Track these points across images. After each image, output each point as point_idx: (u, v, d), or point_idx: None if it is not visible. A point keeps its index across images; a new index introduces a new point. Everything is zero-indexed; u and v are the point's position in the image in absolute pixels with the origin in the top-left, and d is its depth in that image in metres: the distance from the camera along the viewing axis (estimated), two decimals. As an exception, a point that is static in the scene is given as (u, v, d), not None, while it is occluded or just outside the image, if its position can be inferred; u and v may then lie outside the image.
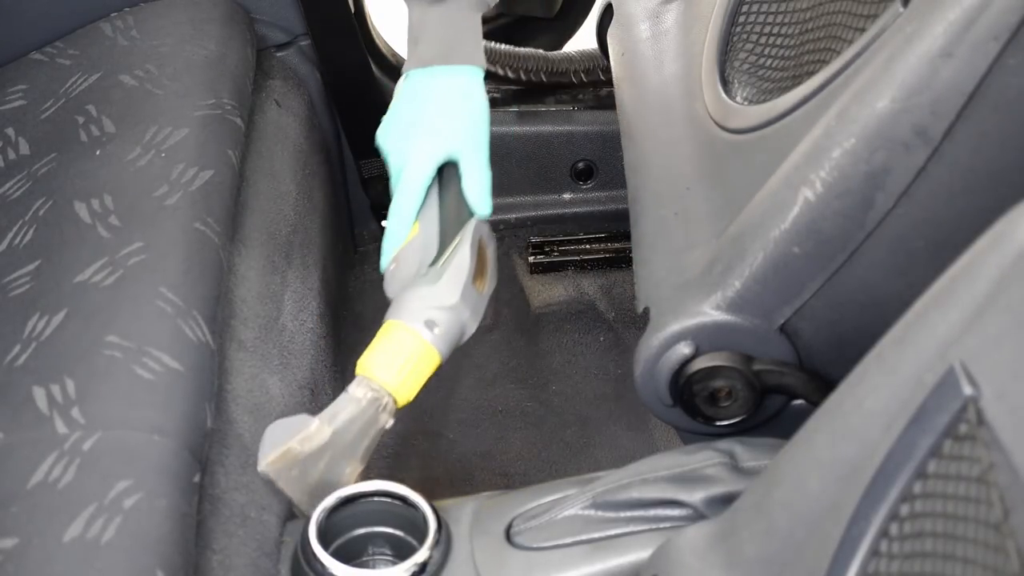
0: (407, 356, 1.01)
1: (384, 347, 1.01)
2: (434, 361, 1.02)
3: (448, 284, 1.03)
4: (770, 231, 0.88)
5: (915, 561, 0.58)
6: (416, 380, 1.01)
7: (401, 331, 1.01)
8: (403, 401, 1.02)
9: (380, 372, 1.00)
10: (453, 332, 1.02)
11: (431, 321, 1.01)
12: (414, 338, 1.01)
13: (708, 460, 0.88)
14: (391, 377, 1.00)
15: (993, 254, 0.58)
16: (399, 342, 1.01)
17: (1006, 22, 0.77)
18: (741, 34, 1.07)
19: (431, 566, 0.88)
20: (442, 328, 1.01)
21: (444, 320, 1.01)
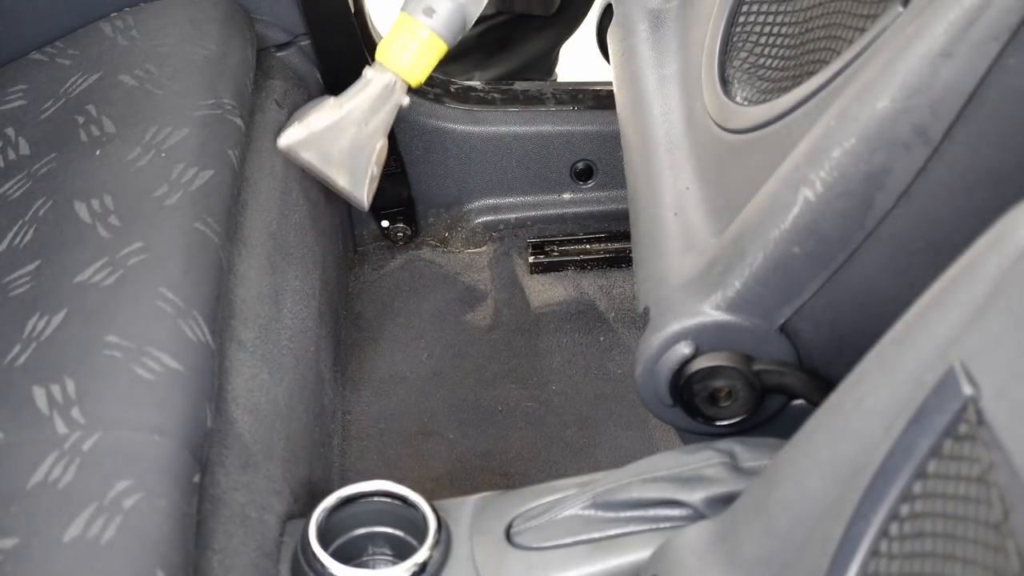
0: (409, 39, 1.21)
1: (392, 34, 1.23)
2: (435, 43, 1.21)
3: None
4: (770, 231, 0.88)
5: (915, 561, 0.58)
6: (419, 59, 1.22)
7: (404, 19, 1.22)
8: (414, 81, 1.23)
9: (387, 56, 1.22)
10: (451, 15, 1.21)
11: (429, 8, 1.21)
12: (413, 23, 1.21)
13: (708, 460, 0.88)
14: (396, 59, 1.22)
15: (993, 254, 0.58)
16: (402, 28, 1.22)
17: (1006, 22, 0.77)
18: (741, 34, 1.07)
19: (431, 566, 0.88)
20: (440, 13, 1.21)
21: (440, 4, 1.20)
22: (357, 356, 1.47)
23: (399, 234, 1.59)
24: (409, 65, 1.23)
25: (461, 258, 1.60)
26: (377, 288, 1.56)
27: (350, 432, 1.38)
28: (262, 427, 1.02)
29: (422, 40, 1.22)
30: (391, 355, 1.47)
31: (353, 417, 1.40)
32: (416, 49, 1.22)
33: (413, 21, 1.22)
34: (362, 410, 1.40)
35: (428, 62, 1.23)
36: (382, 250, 1.61)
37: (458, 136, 1.54)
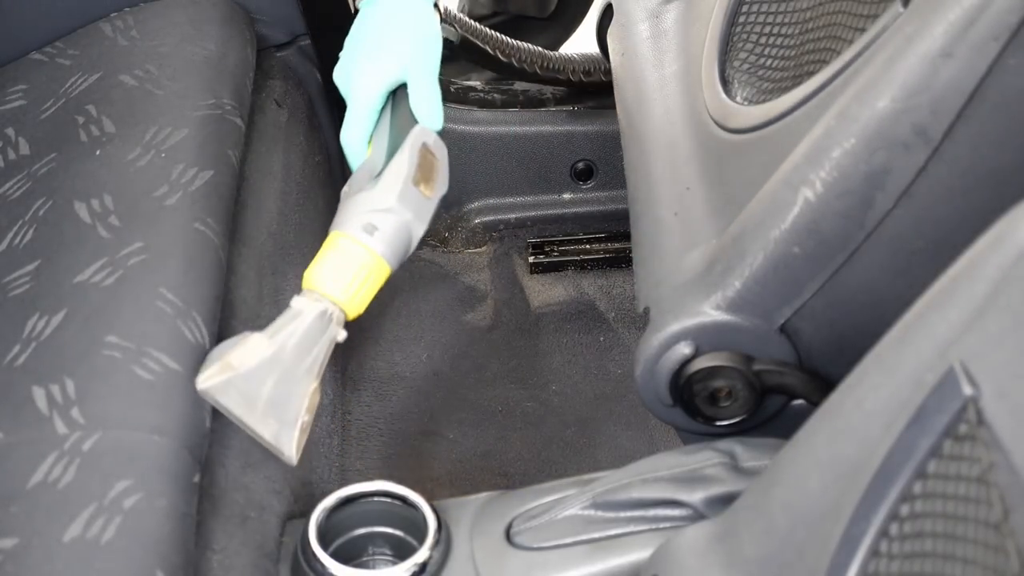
0: (347, 262, 0.98)
1: (324, 257, 1.00)
2: (378, 266, 0.99)
3: (385, 187, 1.00)
4: (770, 231, 0.88)
5: (915, 561, 0.58)
6: (360, 286, 0.99)
7: (340, 239, 0.99)
8: (352, 311, 1.00)
9: (320, 282, 0.98)
10: (395, 234, 0.99)
11: (370, 225, 0.99)
12: (353, 243, 0.99)
13: (708, 460, 0.88)
14: (332, 286, 0.98)
15: (993, 254, 0.58)
16: (338, 250, 0.99)
17: (1006, 22, 0.77)
18: (741, 34, 1.07)
19: (431, 566, 0.88)
20: (382, 231, 0.99)
21: (383, 222, 0.99)
22: (357, 356, 1.47)
23: (399, 234, 1.58)
24: (349, 292, 0.98)
25: (461, 258, 1.60)
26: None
27: (350, 432, 1.38)
28: (262, 427, 1.02)
29: (363, 263, 0.99)
30: (391, 355, 1.47)
31: (353, 417, 1.39)
32: (356, 273, 0.99)
33: (351, 240, 0.99)
34: (362, 410, 1.40)
35: (370, 290, 1.00)
36: (382, 250, 1.61)
37: (458, 136, 1.54)
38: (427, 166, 1.03)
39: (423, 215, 1.01)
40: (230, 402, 0.95)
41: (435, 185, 1.03)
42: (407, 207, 1.00)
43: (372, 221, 0.99)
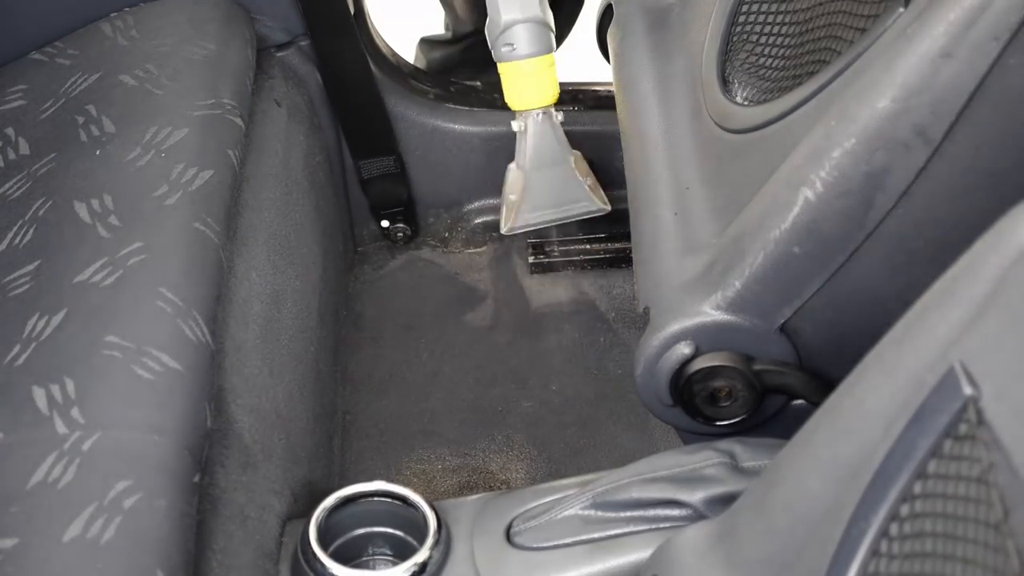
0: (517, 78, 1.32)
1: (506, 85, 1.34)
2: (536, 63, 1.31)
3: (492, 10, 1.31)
4: (770, 231, 0.88)
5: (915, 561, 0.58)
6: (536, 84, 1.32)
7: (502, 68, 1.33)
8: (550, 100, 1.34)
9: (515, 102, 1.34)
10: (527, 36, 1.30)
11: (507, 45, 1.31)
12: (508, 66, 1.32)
13: (708, 460, 0.88)
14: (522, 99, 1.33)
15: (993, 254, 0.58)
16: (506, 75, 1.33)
17: (1006, 22, 0.77)
18: (741, 34, 1.07)
19: (431, 566, 0.88)
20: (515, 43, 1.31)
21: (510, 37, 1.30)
22: (357, 356, 1.47)
23: (399, 234, 1.59)
24: (536, 95, 1.33)
25: (461, 258, 1.60)
26: (377, 288, 1.56)
27: (350, 432, 1.38)
28: (262, 427, 1.02)
29: (526, 72, 1.31)
30: (391, 355, 1.47)
31: (353, 417, 1.40)
32: (529, 80, 1.32)
33: (507, 65, 1.32)
34: (362, 410, 1.40)
35: (548, 79, 1.33)
36: (382, 250, 1.61)
37: (458, 136, 1.54)
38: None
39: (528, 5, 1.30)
40: (533, 220, 1.36)
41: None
42: (511, 10, 1.30)
43: (507, 41, 1.31)
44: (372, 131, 1.52)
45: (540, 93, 1.33)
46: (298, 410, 1.13)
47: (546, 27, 1.32)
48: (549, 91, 1.33)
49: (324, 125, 1.48)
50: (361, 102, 1.49)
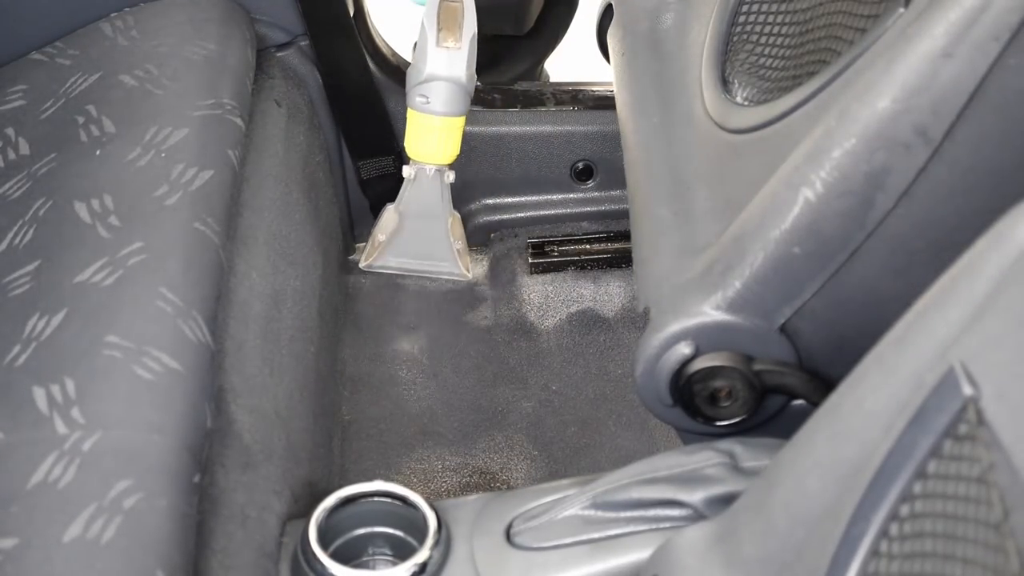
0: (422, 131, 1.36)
1: (409, 133, 1.37)
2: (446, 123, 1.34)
3: (417, 60, 1.34)
4: (770, 231, 0.88)
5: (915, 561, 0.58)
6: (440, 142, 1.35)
7: (411, 116, 1.36)
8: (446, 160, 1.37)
9: (414, 152, 1.37)
10: (444, 93, 1.33)
11: (422, 97, 1.34)
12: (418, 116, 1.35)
13: (708, 460, 0.88)
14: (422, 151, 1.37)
15: (993, 254, 0.58)
16: (412, 125, 1.36)
17: (1007, 22, 0.77)
18: (741, 34, 1.07)
19: (431, 566, 0.88)
20: (431, 98, 1.34)
21: (428, 91, 1.33)
22: (357, 356, 1.47)
23: (399, 234, 1.59)
24: (437, 151, 1.37)
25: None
26: (377, 288, 1.56)
27: (350, 432, 1.38)
28: (262, 427, 1.02)
29: (432, 127, 1.35)
30: (391, 355, 1.47)
31: (353, 417, 1.40)
32: (434, 136, 1.36)
33: (417, 115, 1.36)
34: (362, 410, 1.40)
35: (452, 140, 1.37)
36: (382, 250, 1.61)
37: (458, 136, 1.54)
38: (450, 17, 1.32)
39: (456, 65, 1.32)
40: (393, 264, 1.39)
41: (461, 32, 1.32)
42: (440, 68, 1.33)
43: (422, 93, 1.34)
44: (372, 131, 1.52)
45: (440, 151, 1.37)
46: (298, 410, 1.13)
47: (465, 92, 1.35)
48: (449, 151, 1.38)
49: (324, 125, 1.48)
50: (361, 102, 1.49)
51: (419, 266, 1.42)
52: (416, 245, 1.41)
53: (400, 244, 1.40)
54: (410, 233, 1.40)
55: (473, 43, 1.36)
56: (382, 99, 1.50)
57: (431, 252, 1.41)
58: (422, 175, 1.38)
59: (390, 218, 1.40)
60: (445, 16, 1.35)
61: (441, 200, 1.39)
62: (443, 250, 1.41)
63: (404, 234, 1.39)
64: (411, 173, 1.38)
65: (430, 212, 1.39)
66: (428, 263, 1.42)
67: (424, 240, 1.41)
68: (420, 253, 1.41)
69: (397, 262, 1.41)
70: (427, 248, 1.41)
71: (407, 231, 1.39)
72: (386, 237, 1.39)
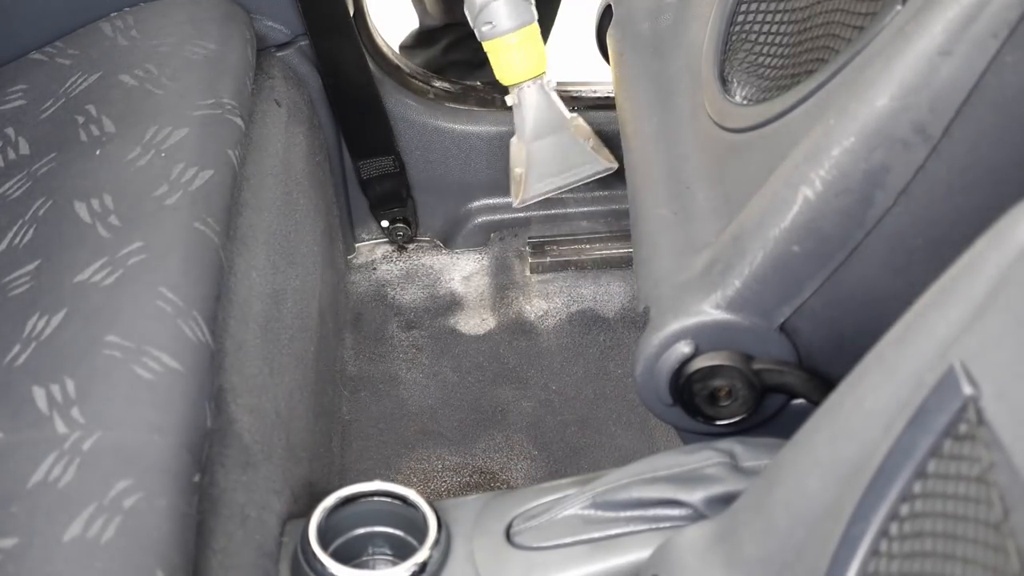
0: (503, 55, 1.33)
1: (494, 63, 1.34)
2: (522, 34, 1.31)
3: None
4: (770, 230, 0.88)
5: (915, 561, 0.58)
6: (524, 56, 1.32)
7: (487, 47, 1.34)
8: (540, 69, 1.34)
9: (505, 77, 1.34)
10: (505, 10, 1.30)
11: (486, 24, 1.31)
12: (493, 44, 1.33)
13: (708, 460, 0.88)
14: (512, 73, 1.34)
15: (993, 253, 0.58)
16: (492, 53, 1.33)
17: (1004, 19, 0.77)
18: (740, 33, 1.07)
19: (431, 566, 0.88)
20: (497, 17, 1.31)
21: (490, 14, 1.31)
22: (357, 356, 1.47)
23: (399, 234, 1.59)
24: (525, 67, 1.33)
25: (461, 258, 1.60)
26: (377, 288, 1.56)
27: (350, 432, 1.38)
28: (262, 427, 1.02)
29: (511, 46, 1.32)
30: (391, 355, 1.47)
31: (353, 417, 1.40)
32: (515, 54, 1.33)
33: (491, 42, 1.33)
34: (362, 410, 1.40)
35: (534, 49, 1.33)
36: (382, 250, 1.61)
37: (458, 136, 1.54)
38: None
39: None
40: (545, 188, 1.36)
41: None
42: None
43: (485, 20, 1.31)
44: (372, 131, 1.52)
45: (528, 64, 1.34)
46: (298, 410, 1.13)
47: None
48: (537, 60, 1.34)
49: (324, 125, 1.48)
50: (361, 102, 1.49)
51: (566, 179, 1.38)
52: (552, 162, 1.37)
53: (538, 168, 1.36)
54: (541, 153, 1.36)
55: None
56: (382, 99, 1.50)
57: (569, 161, 1.37)
58: (523, 95, 1.35)
59: (517, 149, 1.37)
60: None
61: (553, 109, 1.36)
62: (579, 154, 1.37)
63: (536, 157, 1.36)
64: (514, 99, 1.36)
65: (549, 126, 1.36)
66: (572, 172, 1.38)
67: (557, 153, 1.37)
68: (560, 167, 1.37)
69: (544, 185, 1.37)
70: (564, 160, 1.37)
71: (538, 153, 1.36)
72: (522, 168, 1.36)
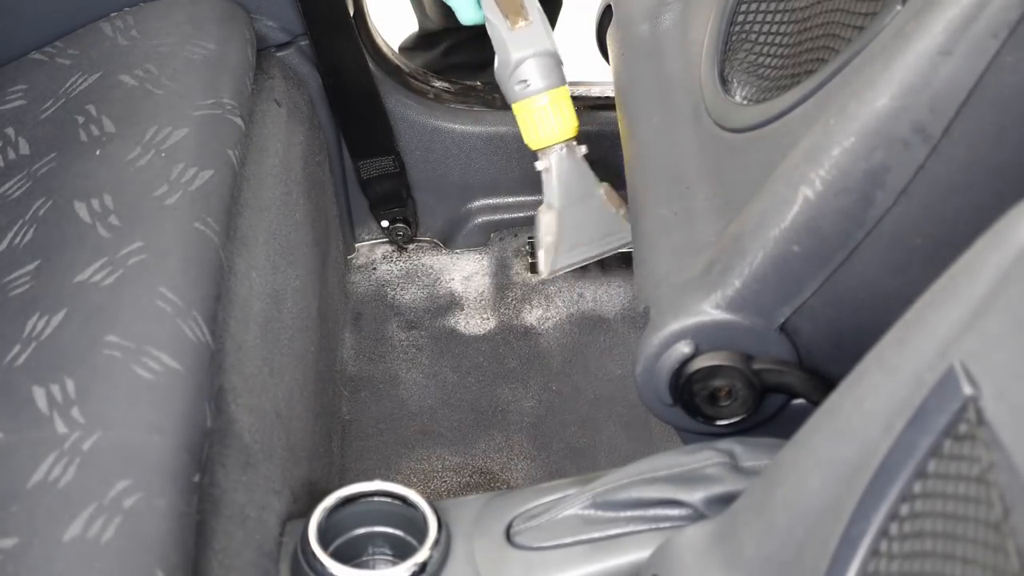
0: (533, 116, 1.26)
1: (523, 125, 1.27)
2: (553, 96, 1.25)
3: (498, 48, 1.26)
4: (770, 230, 0.88)
5: (915, 561, 0.58)
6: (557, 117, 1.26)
7: (516, 108, 1.27)
8: (572, 132, 1.27)
9: (537, 141, 1.27)
10: (538, 71, 1.25)
11: (519, 82, 1.25)
12: (523, 104, 1.26)
13: (708, 460, 0.88)
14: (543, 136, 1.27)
15: (993, 253, 0.58)
16: (522, 114, 1.27)
17: (1004, 19, 0.77)
18: (740, 33, 1.07)
19: (431, 566, 0.88)
20: (528, 80, 1.25)
21: (521, 74, 1.25)
22: (357, 356, 1.47)
23: (399, 234, 1.59)
24: (557, 129, 1.27)
25: (461, 258, 1.60)
26: (377, 288, 1.56)
27: (350, 432, 1.38)
28: (262, 427, 1.02)
29: (542, 106, 1.26)
30: (391, 355, 1.47)
31: (353, 417, 1.40)
32: (548, 115, 1.26)
33: (523, 103, 1.26)
34: (362, 410, 1.40)
35: (567, 111, 1.27)
36: (382, 250, 1.61)
37: (458, 136, 1.54)
38: (509, 3, 1.25)
39: (536, 40, 1.25)
40: (571, 260, 1.30)
41: (526, 10, 1.26)
42: (521, 48, 1.24)
43: (518, 79, 1.25)
44: (372, 131, 1.52)
45: (560, 126, 1.27)
46: (298, 410, 1.13)
47: (557, 60, 1.27)
48: (569, 123, 1.28)
49: (324, 125, 1.48)
50: (361, 102, 1.49)
51: (597, 249, 1.31)
52: (584, 231, 1.31)
53: (569, 237, 1.30)
54: (573, 222, 1.30)
55: (542, 13, 1.28)
56: (382, 99, 1.50)
57: (601, 230, 1.31)
58: (556, 159, 1.28)
59: (548, 218, 1.29)
60: (504, 4, 1.26)
61: (585, 175, 1.30)
62: (611, 223, 1.31)
63: (568, 225, 1.29)
64: (545, 164, 1.29)
65: (580, 193, 1.29)
66: (603, 242, 1.31)
67: (589, 222, 1.30)
68: (591, 236, 1.31)
69: (575, 255, 1.31)
70: (595, 228, 1.31)
71: (569, 221, 1.29)
72: (553, 237, 1.29)
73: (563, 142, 1.28)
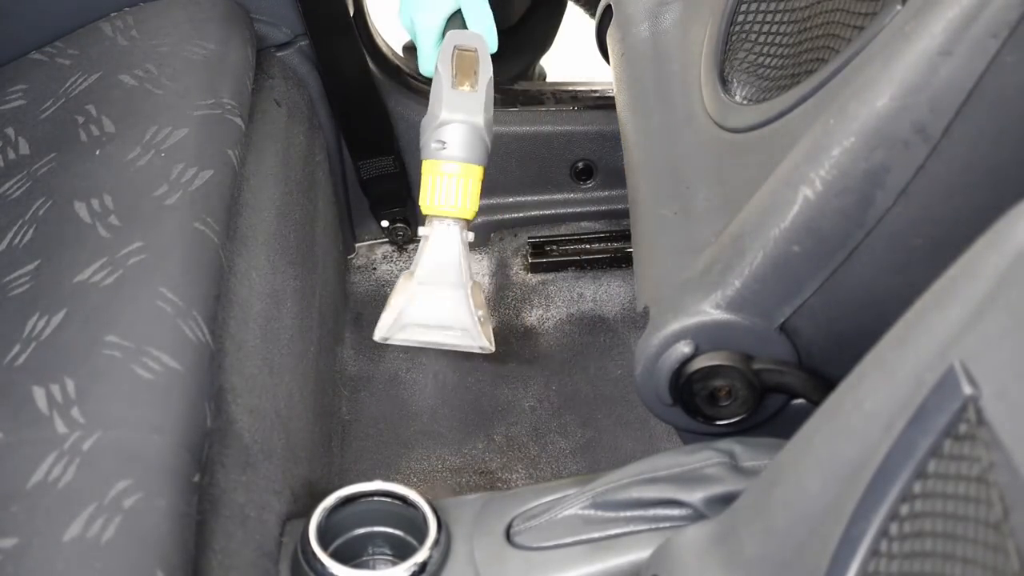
0: (440, 181, 1.20)
1: (424, 184, 1.22)
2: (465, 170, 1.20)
3: (433, 104, 1.22)
4: (770, 230, 0.88)
5: (915, 561, 0.58)
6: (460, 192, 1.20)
7: (426, 166, 1.22)
8: (468, 214, 1.21)
9: (430, 206, 1.21)
10: (462, 138, 1.20)
11: (438, 143, 1.20)
12: (435, 164, 1.21)
13: (708, 460, 0.88)
14: (439, 203, 1.21)
15: (993, 254, 0.58)
16: (429, 174, 1.21)
17: (1004, 19, 0.77)
18: (740, 33, 1.07)
19: (431, 566, 0.88)
20: (449, 142, 1.20)
21: (445, 135, 1.20)
22: (357, 356, 1.47)
23: (399, 234, 1.59)
24: (455, 202, 1.20)
25: (461, 258, 1.60)
26: (377, 288, 1.56)
27: (350, 432, 1.38)
28: (262, 427, 1.02)
29: (450, 173, 1.20)
30: (391, 355, 1.47)
31: (353, 417, 1.40)
32: (452, 185, 1.20)
33: (432, 162, 1.21)
34: (362, 410, 1.40)
35: (472, 190, 1.21)
36: (382, 250, 1.61)
37: (458, 136, 1.54)
38: (465, 64, 1.22)
39: (474, 109, 1.20)
40: (410, 336, 1.22)
41: (478, 77, 1.22)
42: (456, 111, 1.20)
43: (438, 139, 1.20)
44: (372, 131, 1.52)
45: (459, 202, 1.20)
46: (298, 410, 1.13)
47: (483, 140, 1.21)
48: (469, 204, 1.21)
49: (324, 125, 1.48)
50: (361, 102, 1.49)
51: (439, 337, 1.23)
52: (435, 315, 1.22)
53: (417, 313, 1.22)
54: (427, 301, 1.22)
55: (490, 89, 1.23)
56: (382, 99, 1.50)
57: (451, 321, 1.23)
58: (439, 231, 1.21)
59: (405, 284, 1.23)
60: (460, 63, 1.22)
61: (460, 265, 1.22)
62: (465, 321, 1.22)
63: (421, 302, 1.22)
64: (426, 230, 1.22)
65: (448, 279, 1.22)
66: (449, 334, 1.23)
67: (443, 310, 1.22)
68: (439, 323, 1.22)
69: (417, 333, 1.23)
70: (447, 318, 1.22)
71: (423, 299, 1.22)
72: (402, 305, 1.22)
73: (454, 219, 1.22)
